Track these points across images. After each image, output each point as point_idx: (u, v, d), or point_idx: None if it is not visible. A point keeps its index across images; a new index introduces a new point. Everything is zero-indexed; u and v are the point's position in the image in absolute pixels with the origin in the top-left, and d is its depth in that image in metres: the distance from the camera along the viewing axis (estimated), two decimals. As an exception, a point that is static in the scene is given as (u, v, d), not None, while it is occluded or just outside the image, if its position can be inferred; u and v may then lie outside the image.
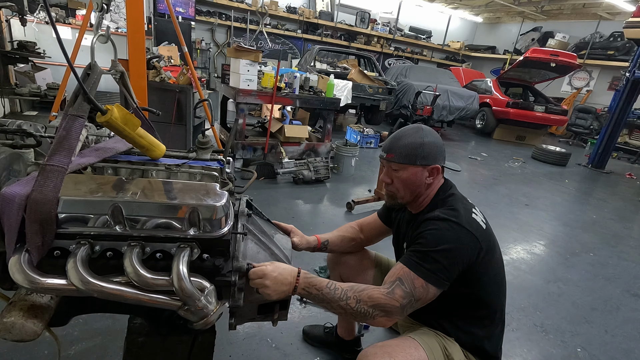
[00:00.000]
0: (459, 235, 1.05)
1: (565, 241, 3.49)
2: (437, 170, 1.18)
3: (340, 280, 1.56)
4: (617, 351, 2.03)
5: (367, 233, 1.49)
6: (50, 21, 1.63)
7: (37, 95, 4.89)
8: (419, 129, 1.19)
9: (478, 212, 1.17)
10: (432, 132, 1.20)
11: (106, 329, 1.64)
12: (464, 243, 1.05)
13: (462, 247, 1.05)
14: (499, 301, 1.21)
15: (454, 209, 1.12)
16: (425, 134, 1.18)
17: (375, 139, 6.14)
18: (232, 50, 3.52)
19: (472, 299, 1.15)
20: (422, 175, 1.17)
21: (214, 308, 0.82)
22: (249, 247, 1.01)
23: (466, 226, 1.07)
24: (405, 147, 1.16)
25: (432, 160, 1.16)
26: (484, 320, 1.18)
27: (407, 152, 1.16)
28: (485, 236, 1.11)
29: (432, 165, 1.17)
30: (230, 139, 3.72)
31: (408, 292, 1.01)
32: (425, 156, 1.15)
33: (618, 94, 6.56)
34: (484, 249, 1.09)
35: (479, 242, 1.07)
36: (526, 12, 11.18)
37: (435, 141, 1.18)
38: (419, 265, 1.04)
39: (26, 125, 0.98)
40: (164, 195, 0.85)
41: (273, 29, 9.93)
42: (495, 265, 1.17)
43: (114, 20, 6.20)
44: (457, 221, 1.07)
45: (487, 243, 1.11)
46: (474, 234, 1.07)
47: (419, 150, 1.15)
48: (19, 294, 0.79)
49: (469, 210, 1.14)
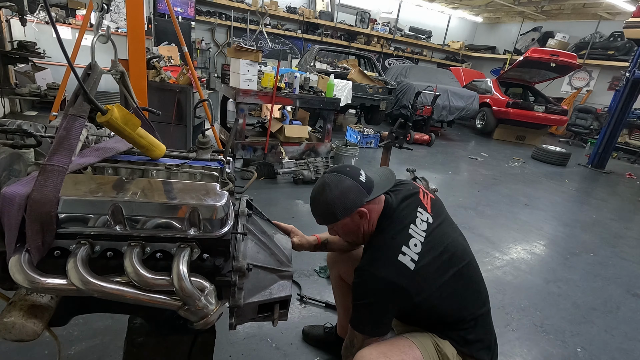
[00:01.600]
0: (377, 287, 1.07)
1: (565, 241, 3.49)
2: (363, 212, 1.14)
3: (340, 279, 1.57)
4: (617, 351, 2.03)
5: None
6: (50, 21, 1.63)
7: (37, 95, 4.90)
8: (323, 187, 1.15)
9: (413, 247, 1.09)
10: (337, 178, 1.15)
11: (106, 329, 1.64)
12: (383, 294, 1.07)
13: (382, 299, 1.08)
14: (470, 308, 1.18)
15: (378, 254, 1.12)
16: (330, 189, 1.13)
17: (375, 139, 6.14)
18: (232, 50, 3.52)
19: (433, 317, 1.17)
20: (352, 222, 1.16)
21: (214, 308, 0.82)
22: (249, 247, 1.01)
23: (385, 275, 1.06)
24: (321, 211, 1.17)
25: (351, 207, 1.12)
26: (462, 324, 1.17)
27: (324, 214, 1.17)
28: (411, 276, 1.06)
29: (356, 211, 1.13)
30: (230, 139, 3.71)
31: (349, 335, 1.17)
32: (342, 209, 1.13)
33: (618, 94, 6.56)
34: (412, 290, 1.06)
35: (401, 287, 1.05)
36: (526, 12, 11.19)
37: (343, 190, 1.12)
38: (353, 318, 1.15)
39: (26, 125, 0.98)
40: (164, 195, 0.85)
41: (273, 29, 9.93)
42: (452, 284, 1.13)
43: (114, 20, 6.20)
44: (376, 272, 1.07)
45: (416, 282, 1.07)
46: (394, 282, 1.05)
47: (333, 208, 1.13)
48: (19, 294, 0.79)
49: (397, 250, 1.08)
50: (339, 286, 1.61)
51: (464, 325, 1.16)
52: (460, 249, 1.20)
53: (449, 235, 1.20)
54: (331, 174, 1.18)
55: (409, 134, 6.08)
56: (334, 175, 1.17)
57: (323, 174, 1.22)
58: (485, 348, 1.19)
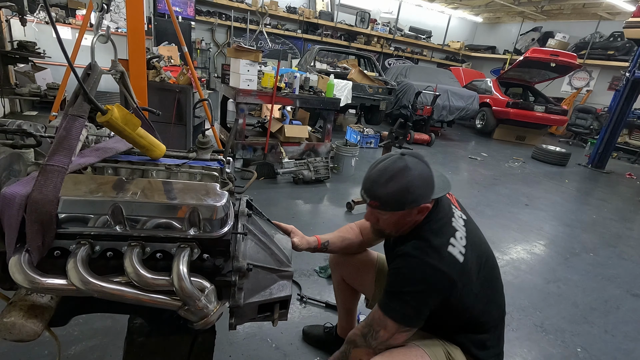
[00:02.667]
0: (425, 275, 1.00)
1: (565, 241, 3.49)
2: (425, 209, 1.06)
3: (342, 281, 1.57)
4: (617, 351, 2.03)
5: (365, 236, 1.47)
6: (50, 21, 1.63)
7: (37, 95, 4.89)
8: (404, 167, 1.01)
9: (459, 239, 1.06)
10: (418, 163, 1.03)
11: (106, 329, 1.64)
12: (432, 283, 1.00)
13: (429, 289, 1.01)
14: (494, 313, 1.17)
15: (427, 243, 1.04)
16: (412, 170, 1.01)
17: (375, 139, 6.14)
18: (232, 50, 3.52)
19: (467, 320, 1.12)
20: (410, 215, 1.06)
21: (214, 308, 0.82)
22: (249, 247, 1.00)
23: (436, 264, 1.00)
24: (391, 196, 1.01)
25: (420, 200, 1.03)
26: (479, 329, 1.15)
27: (393, 200, 1.02)
28: (461, 269, 1.02)
29: (423, 205, 1.04)
30: (230, 139, 3.71)
31: (368, 323, 1.07)
32: (415, 199, 1.02)
33: (618, 94, 6.56)
34: (459, 284, 1.02)
35: (451, 279, 1.00)
36: (526, 12, 11.19)
37: (423, 173, 1.02)
38: (386, 304, 1.04)
39: (26, 125, 0.97)
40: (164, 195, 0.85)
41: (273, 29, 9.93)
42: (481, 289, 1.11)
43: (114, 20, 6.20)
44: (426, 259, 1.00)
45: (464, 276, 1.03)
46: (445, 272, 0.99)
47: (407, 196, 1.01)
48: (19, 294, 0.80)
49: (446, 240, 1.04)
50: (340, 288, 1.61)
51: (481, 331, 1.14)
52: (490, 252, 1.19)
53: (480, 236, 1.19)
54: (411, 157, 1.04)
55: (409, 134, 6.09)
56: (415, 159, 1.03)
57: (400, 153, 1.05)
58: (495, 356, 1.18)
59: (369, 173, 1.07)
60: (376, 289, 1.49)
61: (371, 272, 1.50)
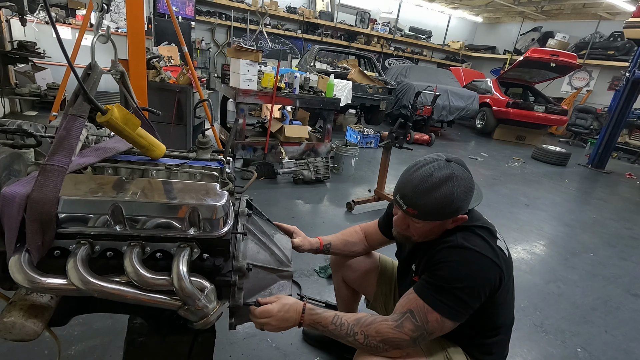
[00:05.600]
0: (481, 267, 0.95)
1: (565, 241, 3.49)
2: (461, 219, 1.01)
3: (342, 282, 1.56)
4: (617, 351, 2.03)
5: (370, 240, 1.45)
6: (50, 21, 1.63)
7: (37, 95, 4.90)
8: (450, 176, 0.94)
9: (501, 237, 1.06)
10: (463, 171, 0.97)
11: (106, 329, 1.64)
12: (487, 276, 0.95)
13: (484, 282, 0.95)
14: (510, 316, 1.16)
15: (477, 235, 1.00)
16: (458, 179, 0.95)
17: (375, 139, 6.14)
18: (232, 50, 3.52)
19: (486, 321, 1.08)
20: (445, 224, 1.01)
21: (214, 308, 0.82)
22: (249, 247, 1.00)
23: (490, 255, 0.96)
24: (433, 206, 0.95)
25: (462, 210, 0.98)
26: (492, 332, 1.13)
27: (436, 210, 0.96)
28: (508, 265, 1.02)
29: (460, 215, 1.00)
30: (230, 139, 3.71)
31: (419, 326, 0.94)
32: (453, 211, 0.97)
33: (618, 94, 6.56)
34: (505, 278, 0.99)
35: (502, 271, 0.98)
36: (526, 12, 11.19)
37: (467, 183, 0.97)
38: (436, 299, 0.94)
39: (26, 125, 0.97)
40: (164, 195, 0.85)
41: (273, 29, 9.93)
42: (512, 288, 1.10)
43: (114, 20, 6.20)
44: (480, 251, 0.96)
45: (508, 270, 1.02)
46: (498, 264, 0.96)
47: (450, 207, 0.95)
48: (19, 293, 0.79)
49: (493, 235, 1.03)
50: (341, 288, 1.61)
51: (493, 334, 1.12)
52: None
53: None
54: (457, 164, 0.98)
55: (409, 134, 6.06)
56: (461, 168, 0.98)
57: (446, 159, 0.98)
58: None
59: (409, 176, 0.99)
60: (378, 290, 1.49)
61: (373, 273, 1.50)
